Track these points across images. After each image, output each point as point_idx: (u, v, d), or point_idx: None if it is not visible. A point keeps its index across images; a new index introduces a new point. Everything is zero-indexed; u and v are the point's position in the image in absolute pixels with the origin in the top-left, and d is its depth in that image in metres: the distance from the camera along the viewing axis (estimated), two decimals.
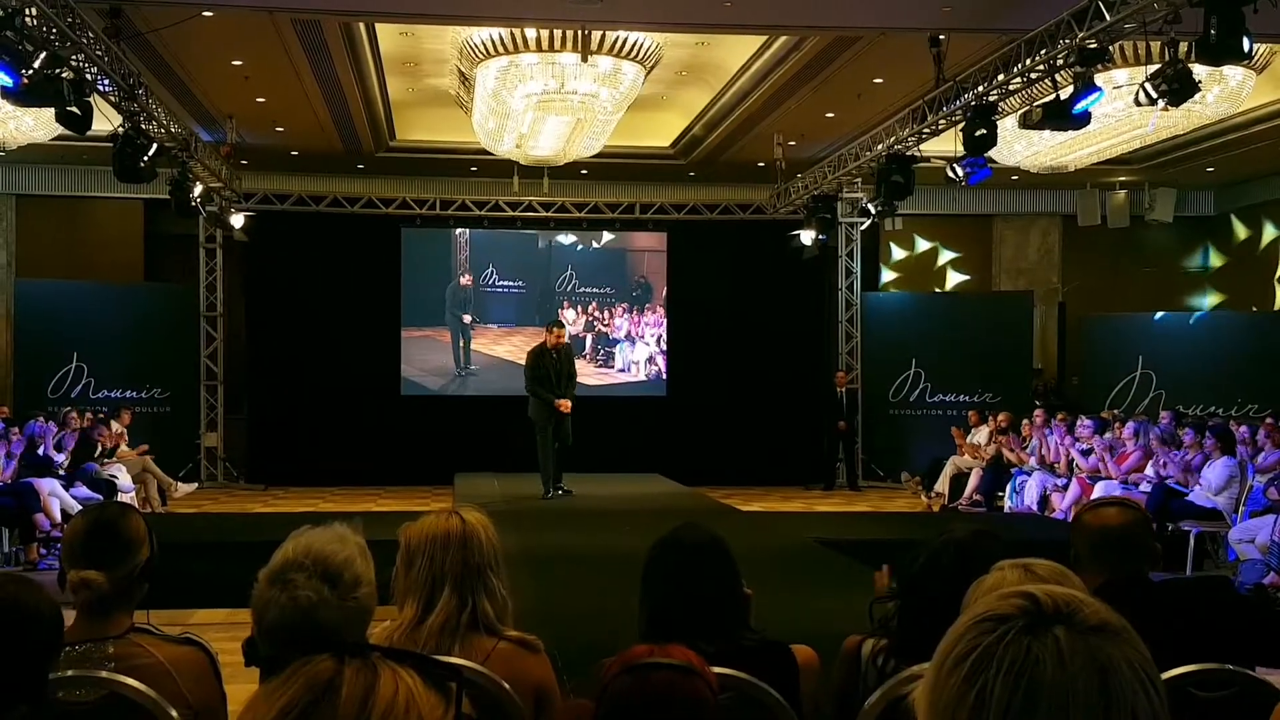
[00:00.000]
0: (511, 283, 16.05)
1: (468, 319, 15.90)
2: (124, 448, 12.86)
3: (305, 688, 1.08)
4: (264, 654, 2.03)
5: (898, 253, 17.42)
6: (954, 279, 17.49)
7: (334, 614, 2.03)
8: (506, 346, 15.87)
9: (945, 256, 17.49)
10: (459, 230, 15.95)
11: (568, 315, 15.50)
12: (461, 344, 15.95)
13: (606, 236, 16.24)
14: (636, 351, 16.14)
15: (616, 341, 16.23)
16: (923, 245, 17.43)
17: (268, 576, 2.07)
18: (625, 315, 16.19)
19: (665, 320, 16.19)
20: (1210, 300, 17.36)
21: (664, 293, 16.25)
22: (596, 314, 16.08)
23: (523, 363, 12.23)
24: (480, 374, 15.88)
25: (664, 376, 16.19)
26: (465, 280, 15.93)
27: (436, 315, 15.95)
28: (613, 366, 16.24)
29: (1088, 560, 2.98)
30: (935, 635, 1.07)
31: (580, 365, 14.71)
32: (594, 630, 5.25)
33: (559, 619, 5.59)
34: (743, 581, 2.80)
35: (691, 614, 2.66)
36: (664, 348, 16.17)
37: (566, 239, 16.19)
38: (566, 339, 12.08)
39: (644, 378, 16.20)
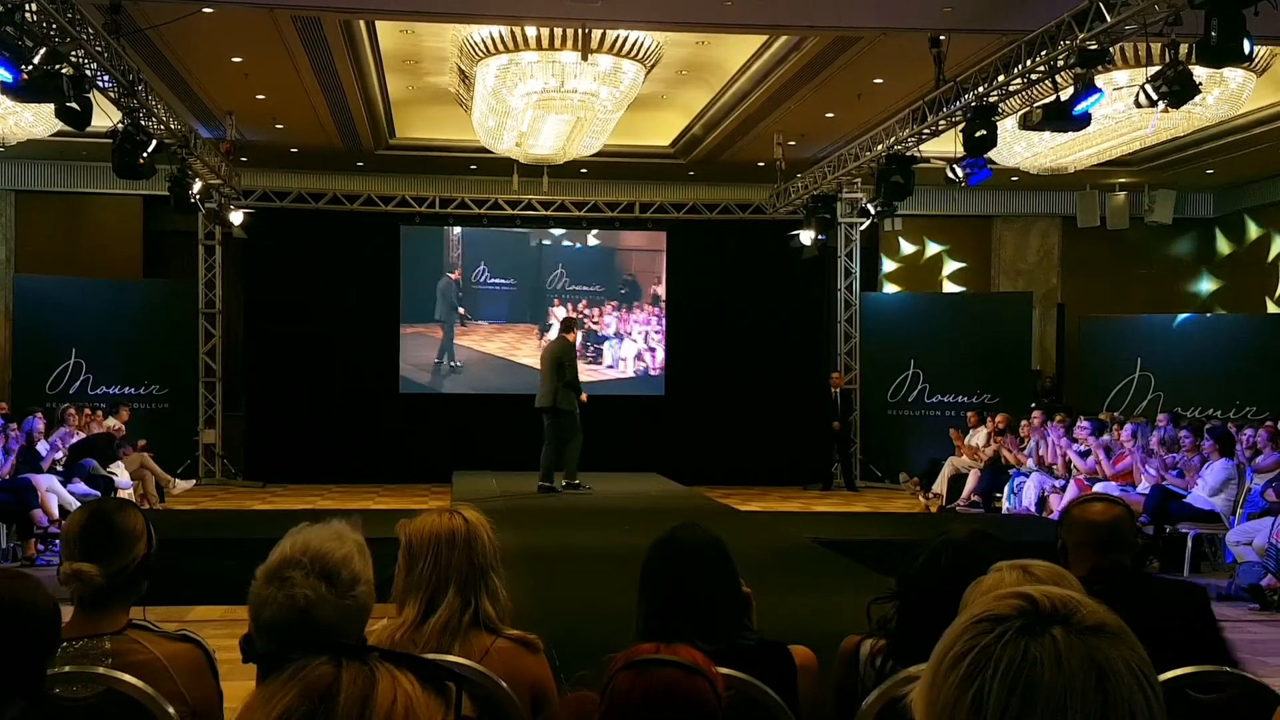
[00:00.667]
0: (503, 280, 16.14)
1: (462, 311, 15.96)
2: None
3: (302, 694, 1.07)
4: (261, 650, 2.03)
5: (896, 254, 17.41)
6: (953, 279, 17.49)
7: (331, 612, 2.02)
8: (498, 343, 15.96)
9: (944, 258, 17.49)
10: (451, 228, 15.97)
11: (558, 313, 15.63)
12: (452, 339, 16.03)
13: (595, 236, 16.27)
14: (625, 348, 16.26)
15: (605, 338, 16.32)
16: (922, 246, 17.43)
17: (265, 574, 2.06)
18: (614, 313, 16.29)
19: (653, 318, 16.28)
20: (1209, 302, 17.37)
21: (650, 291, 16.31)
22: (586, 311, 16.18)
23: (513, 359, 12.37)
24: (468, 369, 15.93)
25: (651, 373, 16.24)
26: (454, 275, 15.99)
27: (434, 312, 16.00)
28: (602, 363, 16.32)
29: (1073, 551, 3.12)
30: (933, 636, 1.07)
31: None
32: (591, 629, 5.25)
33: (557, 617, 5.58)
34: (741, 581, 2.80)
35: (689, 614, 2.66)
36: (651, 344, 16.25)
37: (557, 236, 16.23)
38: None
39: (632, 374, 16.29)
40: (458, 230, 15.99)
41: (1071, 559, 3.08)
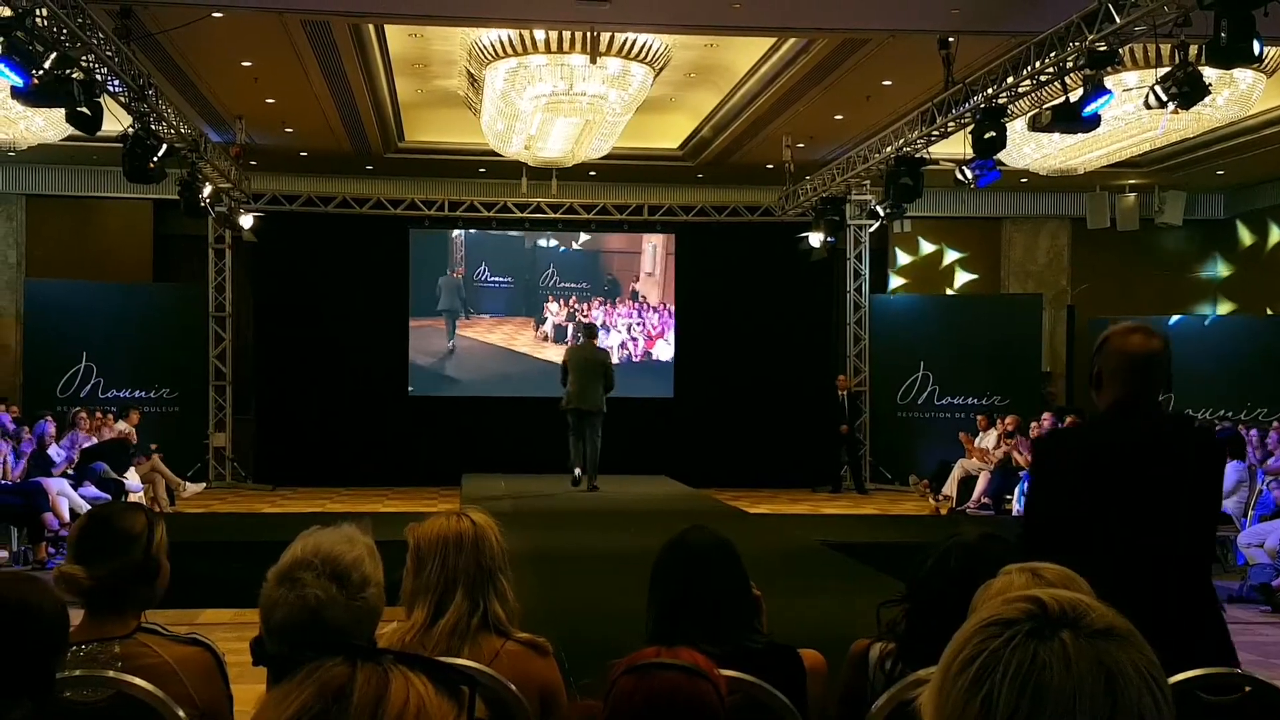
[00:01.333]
0: (501, 279, 16.50)
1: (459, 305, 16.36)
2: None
3: (316, 694, 1.07)
4: (272, 653, 2.03)
5: (906, 255, 17.39)
6: (962, 281, 17.46)
7: (342, 614, 2.03)
8: (498, 334, 16.42)
9: (954, 259, 17.45)
10: (455, 232, 16.06)
11: (551, 308, 16.34)
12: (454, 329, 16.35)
13: (582, 239, 16.53)
14: (610, 339, 16.45)
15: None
16: (931, 248, 17.40)
17: (276, 575, 2.07)
18: (601, 307, 16.65)
19: (634, 312, 16.53)
20: (1218, 289, 17.30)
21: (629, 288, 16.54)
22: (576, 306, 16.54)
23: (512, 348, 13.96)
24: (472, 356, 16.27)
25: (633, 360, 16.34)
26: (457, 273, 16.27)
27: (439, 305, 16.31)
28: None
29: (1106, 379, 3.09)
30: (942, 639, 1.07)
31: (562, 351, 14.95)
32: (599, 631, 5.26)
33: (564, 619, 5.59)
34: (751, 584, 2.79)
35: (699, 617, 2.66)
36: (634, 335, 16.44)
37: (548, 241, 16.64)
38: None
39: (616, 361, 16.48)
40: (458, 233, 16.13)
41: (1104, 386, 3.08)
